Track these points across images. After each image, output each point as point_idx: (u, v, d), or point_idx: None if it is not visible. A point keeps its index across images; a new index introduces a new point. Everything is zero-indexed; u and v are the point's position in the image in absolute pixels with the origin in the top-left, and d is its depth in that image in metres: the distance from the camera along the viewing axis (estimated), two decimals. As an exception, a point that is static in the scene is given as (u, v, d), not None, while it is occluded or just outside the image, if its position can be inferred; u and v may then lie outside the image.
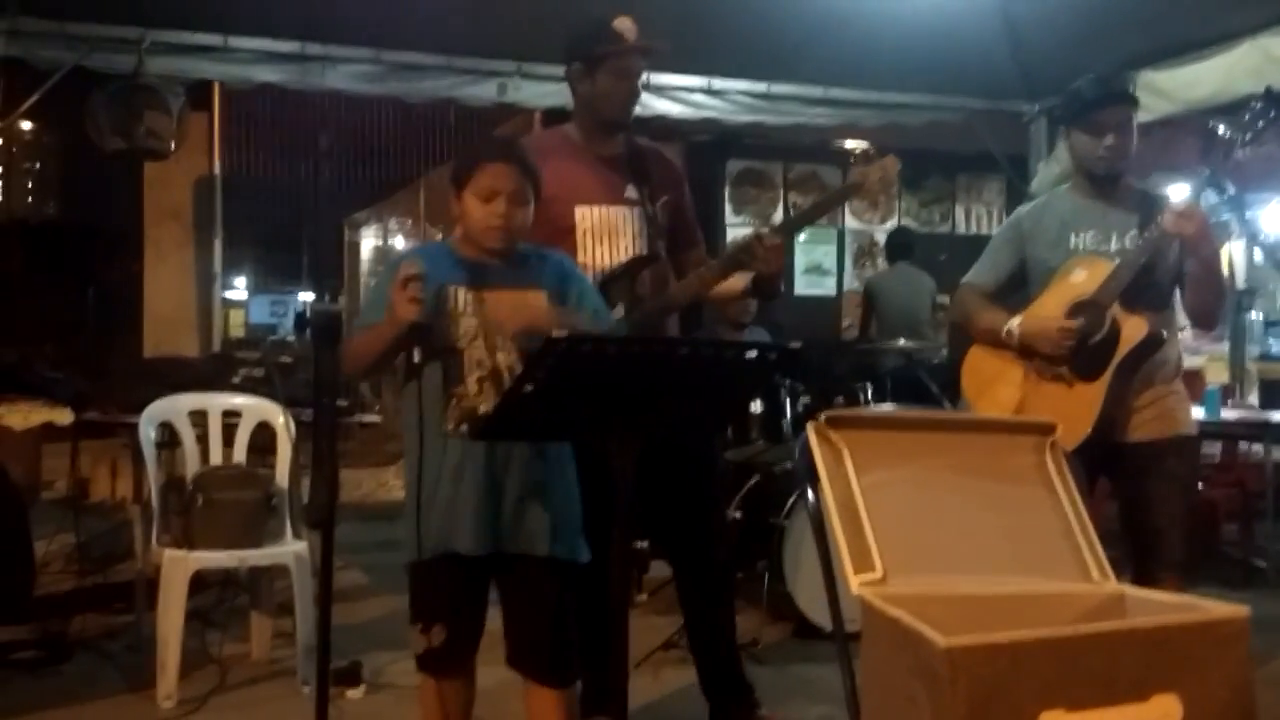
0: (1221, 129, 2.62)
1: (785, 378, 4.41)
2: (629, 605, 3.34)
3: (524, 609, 2.26)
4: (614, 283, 2.76)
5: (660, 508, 2.84)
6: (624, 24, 2.75)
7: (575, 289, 2.35)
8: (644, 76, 2.98)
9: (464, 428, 2.19)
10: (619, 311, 2.73)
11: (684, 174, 3.03)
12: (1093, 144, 2.76)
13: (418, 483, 2.20)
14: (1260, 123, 2.59)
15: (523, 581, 2.24)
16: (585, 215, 2.78)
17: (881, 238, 7.91)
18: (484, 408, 2.17)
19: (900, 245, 6.91)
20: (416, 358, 2.20)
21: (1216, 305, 2.80)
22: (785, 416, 4.41)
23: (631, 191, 2.81)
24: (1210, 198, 2.69)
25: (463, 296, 2.22)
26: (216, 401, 3.66)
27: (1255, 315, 9.85)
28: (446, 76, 4.80)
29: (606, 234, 2.78)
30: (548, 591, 2.25)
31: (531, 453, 2.22)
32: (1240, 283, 7.97)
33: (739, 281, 2.82)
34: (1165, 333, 2.72)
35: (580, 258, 2.77)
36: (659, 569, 4.41)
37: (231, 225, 6.60)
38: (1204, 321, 2.85)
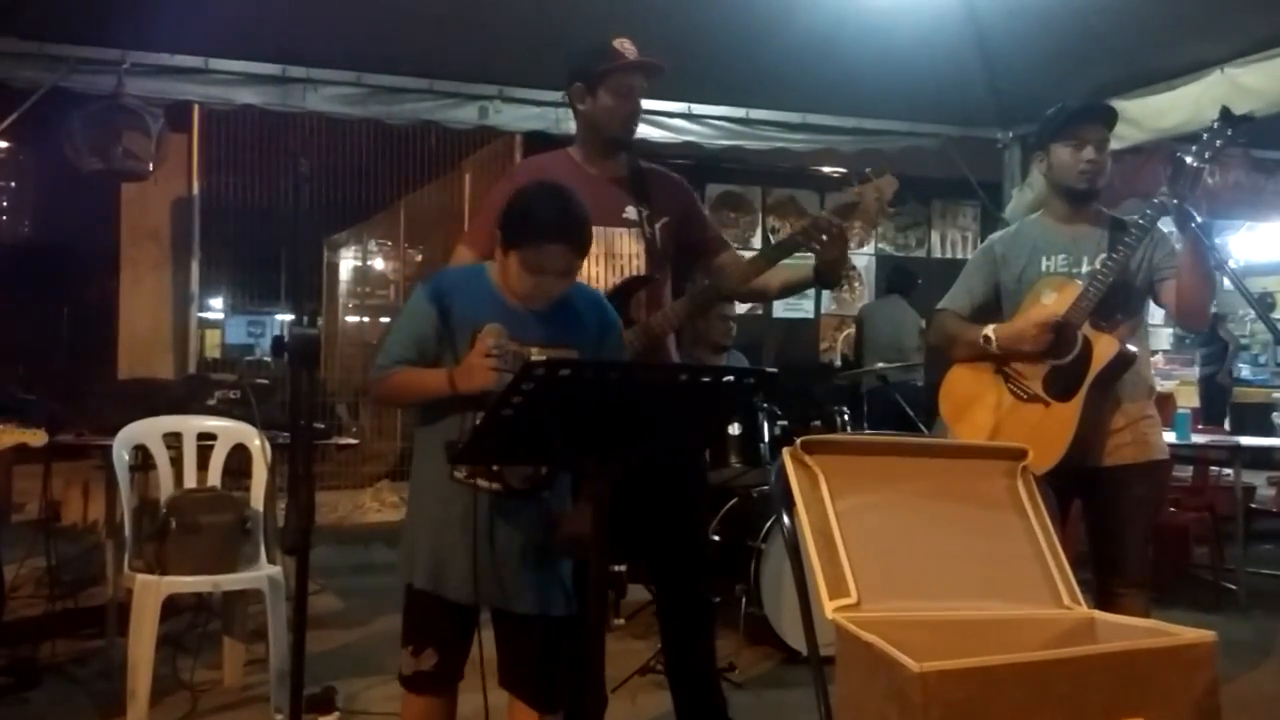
0: (1189, 159, 2.66)
1: (763, 401, 4.43)
2: (606, 629, 3.35)
3: (517, 638, 2.28)
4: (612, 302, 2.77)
5: (646, 531, 2.83)
6: (624, 43, 2.76)
7: (610, 340, 2.34)
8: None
9: (494, 485, 2.19)
10: None
11: (691, 191, 3.02)
12: (1073, 158, 2.81)
13: (422, 518, 2.23)
14: (1218, 142, 2.64)
15: (523, 633, 2.26)
16: None
17: (860, 262, 7.98)
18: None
19: (898, 280, 7.09)
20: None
21: (1206, 304, 2.81)
22: (763, 439, 4.42)
23: (631, 212, 2.81)
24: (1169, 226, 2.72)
25: (521, 350, 2.16)
26: (191, 424, 3.64)
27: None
28: (427, 99, 4.83)
29: (604, 254, 2.78)
30: (542, 638, 2.27)
31: (537, 510, 2.22)
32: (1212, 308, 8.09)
33: (803, 269, 2.78)
34: (1136, 351, 2.76)
35: (578, 279, 2.78)
36: (637, 593, 4.41)
37: (209, 246, 6.57)
38: (1192, 320, 2.88)
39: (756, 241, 7.57)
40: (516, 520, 2.21)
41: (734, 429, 4.51)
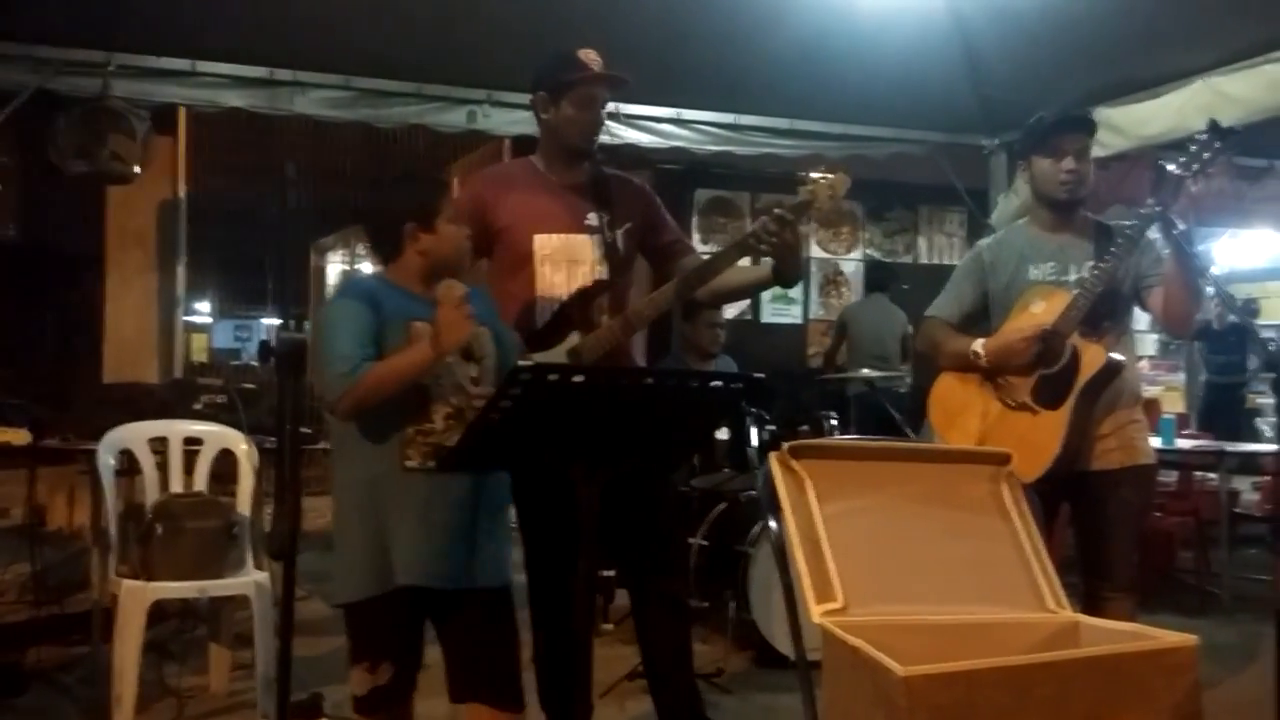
0: (1171, 166, 2.68)
1: (751, 406, 4.44)
2: (594, 635, 3.35)
3: (472, 638, 2.27)
4: (570, 310, 2.77)
5: (616, 538, 2.84)
6: (589, 54, 2.78)
7: (500, 325, 2.44)
8: (614, 106, 2.99)
9: (431, 463, 2.19)
10: (573, 339, 2.74)
11: (653, 194, 3.02)
12: (1054, 169, 2.83)
13: (364, 518, 2.21)
14: (1206, 154, 2.65)
15: (471, 611, 2.26)
16: (544, 243, 2.79)
17: (848, 268, 8.00)
18: (451, 444, 2.18)
19: (876, 277, 7.10)
20: (474, 373, 2.22)
21: (1192, 310, 2.83)
22: (751, 444, 4.43)
23: (593, 219, 2.82)
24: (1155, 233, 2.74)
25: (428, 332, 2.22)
26: (177, 428, 3.62)
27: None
28: (416, 103, 4.82)
29: (565, 261, 2.79)
30: (496, 617, 2.28)
31: (488, 486, 2.24)
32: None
33: (760, 271, 2.78)
34: (1123, 359, 2.78)
35: (538, 285, 2.78)
36: (623, 597, 4.41)
37: (196, 249, 6.54)
38: (1178, 327, 2.90)
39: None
40: (477, 496, 2.22)
41: (722, 434, 4.52)
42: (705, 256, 2.89)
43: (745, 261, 2.76)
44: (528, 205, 2.81)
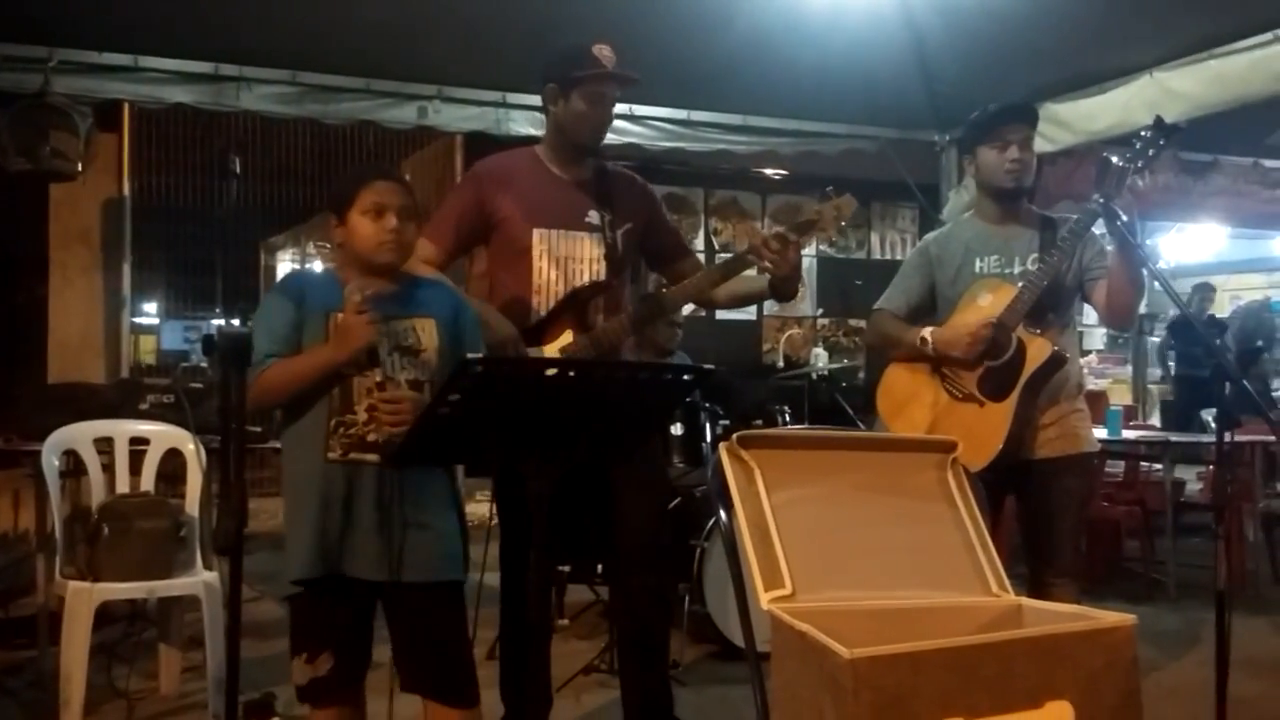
0: (1115, 159, 2.73)
1: (705, 401, 4.46)
2: (551, 630, 3.34)
3: (416, 631, 2.25)
4: (566, 308, 2.76)
5: (601, 530, 2.82)
6: (603, 50, 2.76)
7: (466, 322, 2.37)
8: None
9: (369, 456, 2.19)
10: (567, 338, 2.73)
11: (655, 197, 3.03)
12: (998, 159, 2.87)
13: (299, 509, 2.21)
14: (1151, 151, 2.71)
15: (413, 605, 2.23)
16: (542, 238, 2.77)
17: (801, 264, 8.04)
18: (373, 436, 2.19)
19: None
20: (378, 377, 2.18)
21: (1134, 303, 2.88)
22: (705, 439, 4.44)
23: (594, 216, 2.80)
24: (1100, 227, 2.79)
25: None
26: (123, 428, 3.57)
27: (1155, 339, 10.25)
28: (365, 99, 4.77)
29: (562, 258, 2.78)
30: (439, 612, 2.25)
31: (418, 478, 2.22)
32: (1141, 308, 8.29)
33: (757, 283, 2.81)
34: (1067, 352, 2.83)
35: (535, 280, 2.76)
36: (579, 593, 4.41)
37: (142, 249, 6.43)
38: (1120, 320, 2.95)
39: (699, 244, 7.60)
40: (400, 489, 2.20)
41: (676, 429, 4.53)
42: (700, 260, 2.89)
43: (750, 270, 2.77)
44: (529, 198, 2.79)
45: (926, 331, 2.89)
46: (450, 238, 2.81)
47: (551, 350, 2.72)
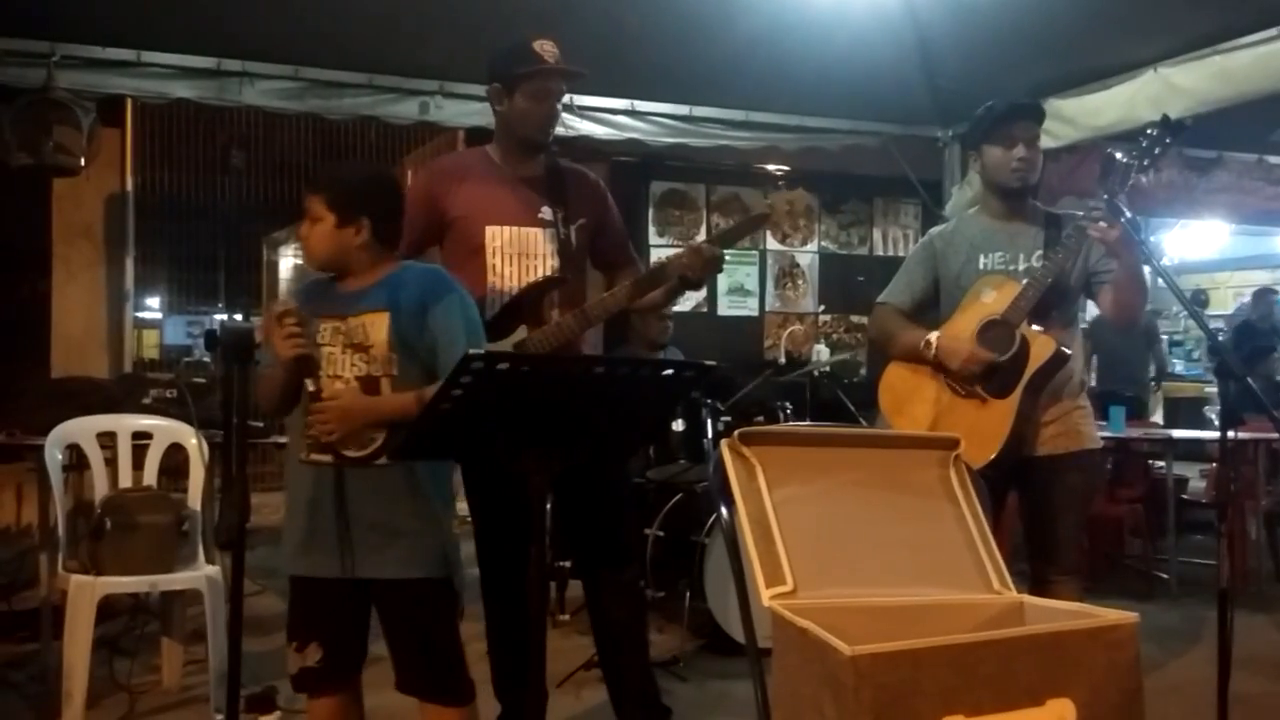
0: (1119, 155, 2.72)
1: (706, 397, 4.46)
2: (550, 625, 3.35)
3: (402, 632, 2.28)
4: (520, 304, 2.76)
5: (570, 529, 2.84)
6: (544, 46, 2.75)
7: (439, 306, 2.28)
8: (568, 98, 2.96)
9: (325, 456, 2.24)
10: (521, 333, 2.73)
11: (608, 194, 3.02)
12: (1005, 157, 2.86)
13: (287, 506, 2.30)
14: (1156, 149, 2.70)
15: (391, 603, 2.26)
16: (495, 235, 2.78)
17: (803, 260, 8.03)
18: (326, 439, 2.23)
19: None
20: (310, 387, 2.21)
21: (1139, 305, 2.88)
22: (707, 435, 4.45)
23: (546, 212, 2.81)
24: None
25: (321, 326, 2.27)
26: (126, 423, 3.57)
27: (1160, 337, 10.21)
28: (367, 94, 4.76)
29: (516, 254, 2.78)
30: (416, 611, 2.26)
31: (386, 479, 2.23)
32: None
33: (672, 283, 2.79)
34: (1070, 350, 2.82)
35: (489, 277, 2.76)
36: (580, 589, 4.41)
37: (145, 244, 6.43)
38: (1125, 321, 2.95)
39: (701, 239, 7.59)
40: (360, 489, 2.23)
41: (678, 425, 4.53)
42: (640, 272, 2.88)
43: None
44: (481, 196, 2.79)
45: (933, 336, 2.88)
46: (405, 239, 2.80)
47: (505, 346, 2.71)
